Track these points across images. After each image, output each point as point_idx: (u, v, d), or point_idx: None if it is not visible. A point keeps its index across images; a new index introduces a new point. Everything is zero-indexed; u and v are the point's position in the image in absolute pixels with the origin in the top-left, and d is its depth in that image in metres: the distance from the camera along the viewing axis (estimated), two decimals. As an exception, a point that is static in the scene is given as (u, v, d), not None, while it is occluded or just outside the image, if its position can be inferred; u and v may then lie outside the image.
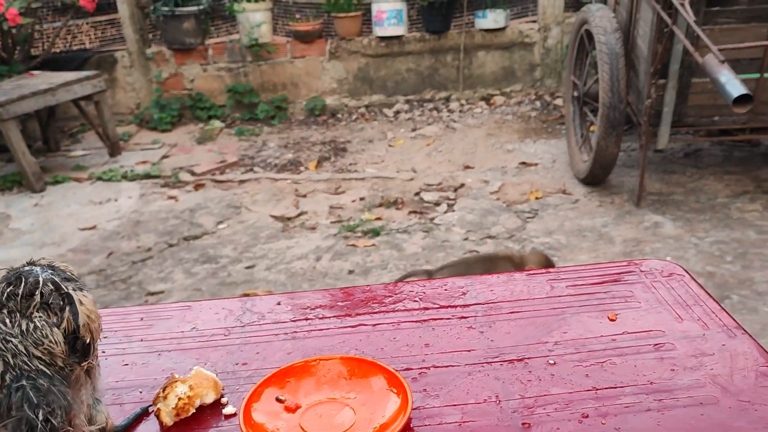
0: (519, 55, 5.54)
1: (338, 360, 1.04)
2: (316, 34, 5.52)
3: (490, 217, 3.66)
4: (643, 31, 3.43)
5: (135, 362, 1.12)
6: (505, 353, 1.06)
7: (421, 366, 1.06)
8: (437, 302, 1.23)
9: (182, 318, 1.23)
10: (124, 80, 5.70)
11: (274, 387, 1.00)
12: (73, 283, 0.86)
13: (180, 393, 0.98)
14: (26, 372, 0.78)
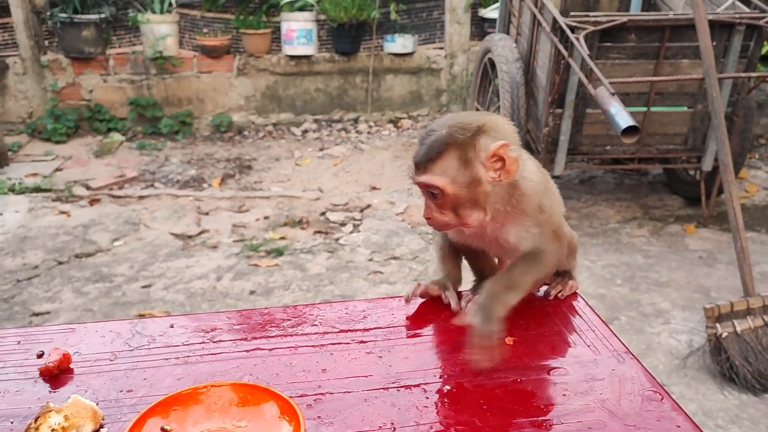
0: (426, 80, 5.65)
1: (229, 386, 1.00)
2: (224, 50, 5.43)
3: (395, 238, 3.69)
4: (542, 62, 3.57)
5: (8, 389, 1.04)
6: (403, 379, 1.06)
7: (317, 392, 1.03)
8: (337, 326, 1.21)
9: (64, 341, 1.15)
10: (15, 87, 5.38)
11: (159, 416, 0.95)
12: None
13: (53, 424, 0.91)
14: None
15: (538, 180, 1.12)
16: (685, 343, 2.78)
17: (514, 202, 1.08)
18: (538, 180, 1.12)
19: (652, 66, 3.37)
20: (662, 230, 3.78)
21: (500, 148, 1.02)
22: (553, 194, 1.19)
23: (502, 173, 1.04)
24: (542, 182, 1.13)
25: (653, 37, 3.29)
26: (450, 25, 5.51)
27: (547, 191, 1.15)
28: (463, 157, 1.03)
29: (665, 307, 3.04)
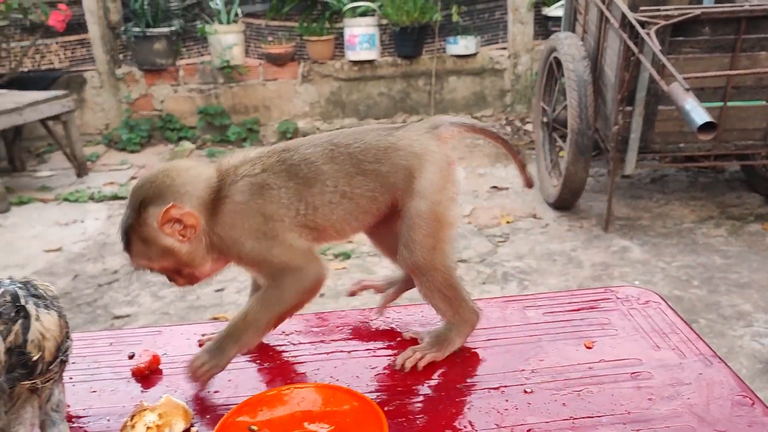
0: (489, 81, 5.61)
1: (313, 388, 1.02)
2: (288, 57, 5.53)
3: (462, 240, 3.67)
4: (611, 60, 3.50)
5: (103, 389, 1.09)
6: (482, 381, 1.05)
7: (397, 393, 1.04)
8: (412, 329, 1.21)
9: (153, 343, 1.20)
10: (93, 101, 5.63)
11: (246, 416, 0.97)
12: (41, 300, 0.82)
13: (148, 422, 0.95)
14: None
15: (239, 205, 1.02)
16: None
17: (223, 241, 1.02)
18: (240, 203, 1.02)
19: (727, 59, 3.25)
20: (741, 230, 3.63)
21: (165, 214, 0.98)
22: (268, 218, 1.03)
23: (187, 231, 1.00)
24: (246, 203, 1.02)
25: (728, 30, 3.18)
26: (513, 25, 5.45)
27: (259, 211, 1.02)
28: (142, 237, 1.00)
29: (747, 309, 2.92)
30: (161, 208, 0.98)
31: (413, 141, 1.06)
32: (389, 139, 1.06)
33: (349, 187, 1.04)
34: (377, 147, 1.05)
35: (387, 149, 1.05)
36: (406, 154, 1.05)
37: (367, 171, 1.04)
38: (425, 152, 1.05)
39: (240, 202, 1.01)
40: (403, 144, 1.06)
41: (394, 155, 1.05)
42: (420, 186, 1.04)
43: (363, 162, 1.04)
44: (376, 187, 1.04)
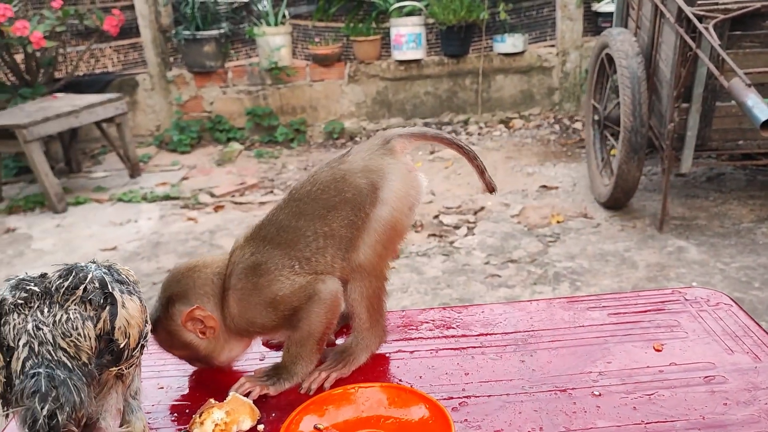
0: (537, 79, 5.54)
1: (378, 387, 1.02)
2: (335, 58, 5.56)
3: (512, 240, 3.63)
4: (666, 55, 3.41)
5: (170, 386, 1.11)
6: (548, 383, 1.04)
7: (461, 395, 1.03)
8: (475, 329, 1.20)
9: (216, 342, 1.22)
10: (144, 103, 5.75)
11: (312, 414, 0.98)
12: (124, 286, 0.83)
13: (217, 419, 0.96)
14: (47, 361, 0.75)
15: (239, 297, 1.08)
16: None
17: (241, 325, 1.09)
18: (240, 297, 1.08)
19: (789, 53, 3.14)
20: (803, 229, 3.51)
21: (189, 315, 1.05)
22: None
23: (207, 330, 1.06)
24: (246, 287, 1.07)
25: (791, 23, 3.07)
26: (561, 22, 5.37)
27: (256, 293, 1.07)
28: (167, 330, 1.08)
29: (811, 312, 2.82)
30: (186, 308, 1.05)
31: (366, 160, 1.09)
32: (342, 168, 1.09)
33: (327, 227, 1.07)
34: (334, 179, 1.08)
35: (344, 177, 1.07)
36: (364, 173, 1.07)
37: (336, 204, 1.07)
38: (382, 165, 1.08)
39: (241, 288, 1.07)
40: (357, 166, 1.08)
41: (353, 178, 1.07)
42: (383, 195, 1.07)
43: (329, 200, 1.07)
44: (349, 213, 1.06)
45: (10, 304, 0.78)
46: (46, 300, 0.79)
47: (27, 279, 0.81)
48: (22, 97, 4.97)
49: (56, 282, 0.80)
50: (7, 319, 0.77)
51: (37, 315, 0.77)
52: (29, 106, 4.67)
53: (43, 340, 0.76)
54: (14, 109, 4.67)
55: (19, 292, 0.79)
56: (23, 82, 5.13)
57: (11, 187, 4.94)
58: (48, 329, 0.76)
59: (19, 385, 0.74)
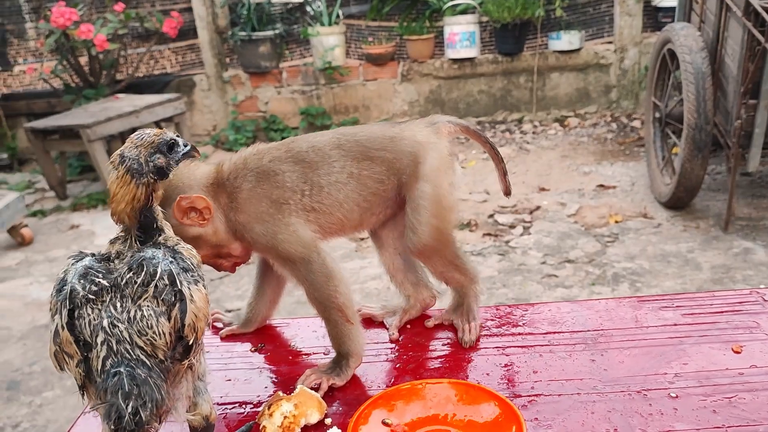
0: (594, 77, 5.43)
1: (446, 384, 1.01)
2: (388, 57, 5.56)
3: (569, 240, 3.57)
4: (732, 50, 3.30)
5: (237, 378, 1.12)
6: (621, 384, 1.01)
7: (530, 393, 1.01)
8: (541, 327, 1.18)
9: (281, 335, 1.23)
10: (201, 103, 5.87)
11: (381, 409, 0.97)
12: (190, 274, 0.83)
13: (286, 411, 0.97)
14: (127, 360, 0.77)
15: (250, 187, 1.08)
16: None
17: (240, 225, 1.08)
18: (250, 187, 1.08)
19: None
20: None
21: (177, 208, 1.03)
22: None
23: (203, 213, 1.05)
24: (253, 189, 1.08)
25: None
26: (620, 18, 5.25)
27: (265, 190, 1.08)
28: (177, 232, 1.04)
29: None
30: (171, 205, 1.04)
31: (416, 132, 1.13)
32: (394, 130, 1.13)
33: (356, 169, 1.09)
34: (383, 136, 1.12)
35: (392, 138, 1.11)
36: (411, 143, 1.11)
37: (374, 157, 1.10)
38: (428, 141, 1.12)
39: (248, 189, 1.07)
40: (407, 134, 1.12)
41: (400, 143, 1.11)
42: (424, 170, 1.10)
43: (370, 149, 1.10)
44: (382, 170, 1.10)
45: (82, 297, 0.79)
46: (116, 294, 0.80)
47: (94, 269, 0.81)
48: (86, 98, 5.13)
49: (126, 276, 0.80)
50: (81, 313, 0.79)
51: (110, 310, 0.79)
52: (92, 107, 4.82)
53: (120, 338, 0.77)
54: (78, 110, 4.83)
55: (88, 284, 0.80)
56: (87, 84, 5.29)
57: (75, 186, 5.10)
58: (124, 327, 0.78)
59: (102, 384, 0.76)
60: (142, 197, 0.85)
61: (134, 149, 0.85)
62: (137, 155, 0.85)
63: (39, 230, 4.31)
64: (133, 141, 0.86)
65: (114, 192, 0.84)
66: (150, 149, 0.86)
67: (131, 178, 0.84)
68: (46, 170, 4.73)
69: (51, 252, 3.99)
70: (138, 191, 0.84)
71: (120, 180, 0.84)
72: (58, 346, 0.79)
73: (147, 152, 0.86)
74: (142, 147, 0.86)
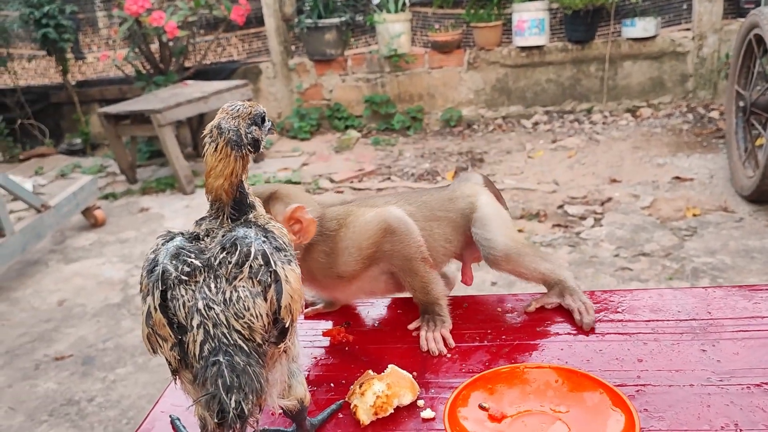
0: (669, 66, 5.22)
1: (548, 368, 0.95)
2: (454, 45, 5.48)
3: (643, 233, 3.43)
4: (828, 35, 3.10)
5: (323, 356, 1.09)
6: (738, 376, 0.93)
7: (637, 383, 0.95)
8: (642, 314, 1.11)
9: (366, 314, 1.19)
10: (267, 90, 5.91)
11: (478, 392, 0.92)
12: (283, 254, 0.79)
13: (378, 390, 0.93)
14: (224, 346, 0.73)
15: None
16: None
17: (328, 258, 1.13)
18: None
19: None
20: None
21: (295, 212, 1.05)
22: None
23: (301, 235, 1.06)
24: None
25: None
26: (699, 4, 5.02)
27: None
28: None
29: None
30: (293, 205, 1.07)
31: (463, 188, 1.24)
32: (447, 192, 1.24)
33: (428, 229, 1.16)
34: (442, 198, 1.21)
35: (450, 199, 1.21)
36: (464, 199, 1.21)
37: (441, 217, 1.19)
38: (475, 192, 1.23)
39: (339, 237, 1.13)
40: (458, 193, 1.23)
41: (457, 202, 1.21)
42: (479, 204, 1.20)
43: (435, 210, 1.19)
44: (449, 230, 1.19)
45: (174, 278, 0.76)
46: (210, 274, 0.76)
47: (186, 249, 0.78)
48: (156, 84, 5.22)
49: (219, 256, 0.77)
50: (174, 294, 0.75)
51: (205, 291, 0.75)
52: (162, 93, 4.90)
53: (216, 322, 0.74)
54: (149, 96, 4.93)
55: (181, 264, 0.76)
56: (157, 71, 5.39)
57: (144, 170, 5.22)
58: (220, 309, 0.74)
59: (201, 373, 0.73)
60: (240, 170, 0.81)
61: (232, 120, 0.82)
62: (236, 126, 0.82)
63: (110, 212, 4.42)
64: (228, 112, 0.83)
65: (212, 165, 0.81)
66: (248, 120, 0.83)
67: (231, 150, 0.81)
68: (118, 155, 4.84)
69: (122, 233, 4.08)
70: (237, 164, 0.81)
71: (220, 152, 0.81)
72: (151, 328, 0.76)
73: (246, 123, 0.82)
74: (240, 118, 0.82)
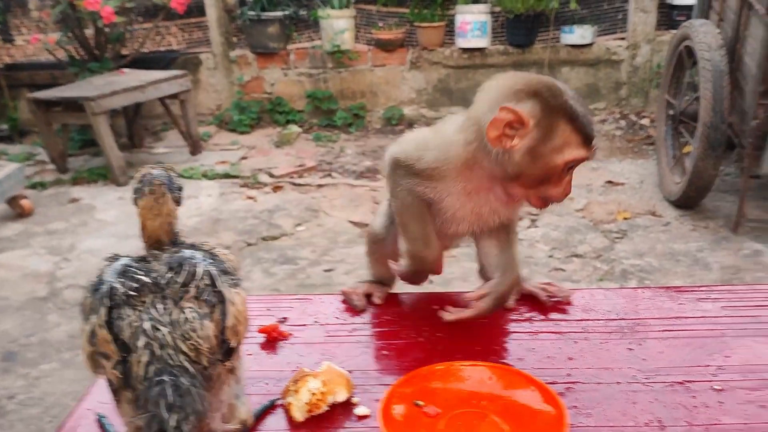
0: (604, 73, 5.38)
1: (482, 366, 0.96)
2: (398, 43, 5.50)
3: (576, 235, 3.53)
4: (752, 49, 3.25)
5: (258, 353, 1.07)
6: (662, 374, 0.97)
7: (567, 380, 0.97)
8: (575, 314, 1.14)
9: (303, 310, 1.18)
10: (206, 81, 5.79)
11: (412, 389, 0.93)
12: (229, 277, 0.81)
13: (313, 388, 0.92)
14: (169, 367, 0.73)
15: None
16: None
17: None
18: None
19: None
20: None
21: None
22: None
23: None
24: None
25: None
26: (634, 14, 5.20)
27: None
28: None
29: None
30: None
31: None
32: None
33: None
34: None
35: None
36: None
37: None
38: None
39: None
40: None
41: None
42: None
43: None
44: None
45: (122, 295, 0.75)
46: (158, 294, 0.76)
47: (133, 267, 0.78)
48: (90, 71, 5.04)
49: (166, 275, 0.78)
50: (121, 313, 0.75)
51: (151, 312, 0.75)
52: (97, 80, 4.74)
53: (163, 343, 0.74)
54: (83, 83, 4.76)
55: (128, 281, 0.76)
56: (92, 57, 5.21)
57: (76, 159, 5.03)
58: (167, 330, 0.74)
59: (144, 392, 0.73)
60: (175, 211, 0.84)
61: (156, 170, 0.86)
62: (163, 172, 0.85)
63: (39, 202, 4.25)
64: (148, 168, 0.87)
65: (149, 207, 0.83)
66: (173, 172, 0.87)
67: (165, 190, 0.83)
68: (48, 142, 4.66)
69: (51, 224, 3.93)
70: (171, 205, 0.83)
71: (155, 193, 0.83)
72: (95, 347, 0.75)
73: (173, 172, 0.87)
74: (165, 169, 0.86)
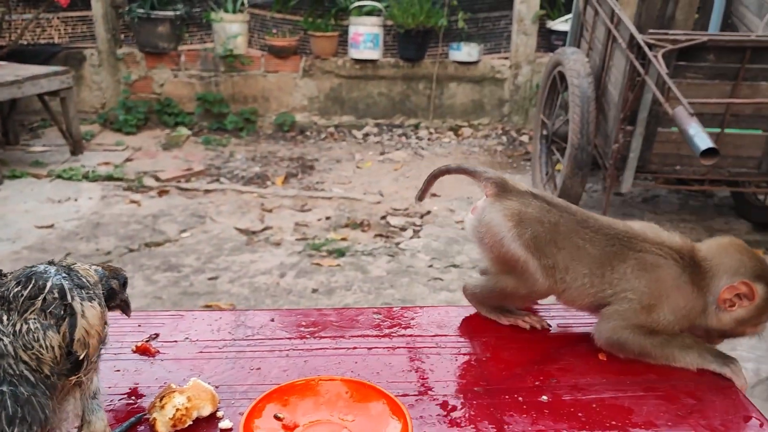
0: (489, 90, 5.66)
1: (339, 381, 1.04)
2: (291, 50, 5.54)
3: (455, 245, 3.71)
4: (615, 78, 3.55)
5: (127, 369, 1.10)
6: (502, 385, 1.08)
7: (417, 392, 1.07)
8: (430, 330, 1.24)
9: (175, 327, 1.22)
10: (90, 79, 5.59)
11: (274, 404, 0.99)
12: (84, 291, 0.83)
13: (178, 403, 0.97)
14: (9, 376, 0.75)
15: None
16: (752, 372, 2.73)
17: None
18: None
19: (728, 87, 3.32)
20: (728, 254, 3.70)
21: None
22: None
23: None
24: None
25: (733, 58, 3.24)
26: (517, 36, 5.51)
27: None
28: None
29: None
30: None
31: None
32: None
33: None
34: None
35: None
36: None
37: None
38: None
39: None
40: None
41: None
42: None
43: None
44: None
45: None
46: (4, 306, 0.78)
47: None
48: (-39, 61, 4.76)
49: (14, 289, 0.79)
50: None
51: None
52: (-32, 72, 4.47)
53: (3, 353, 0.76)
54: (-48, 74, 4.47)
55: None
56: (-38, 46, 4.91)
57: (-58, 155, 4.73)
58: (8, 340, 0.76)
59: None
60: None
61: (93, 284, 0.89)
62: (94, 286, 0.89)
63: None
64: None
65: (94, 325, 0.84)
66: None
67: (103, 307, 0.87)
68: None
69: None
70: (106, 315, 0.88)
71: (101, 313, 0.86)
72: None
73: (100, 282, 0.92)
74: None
